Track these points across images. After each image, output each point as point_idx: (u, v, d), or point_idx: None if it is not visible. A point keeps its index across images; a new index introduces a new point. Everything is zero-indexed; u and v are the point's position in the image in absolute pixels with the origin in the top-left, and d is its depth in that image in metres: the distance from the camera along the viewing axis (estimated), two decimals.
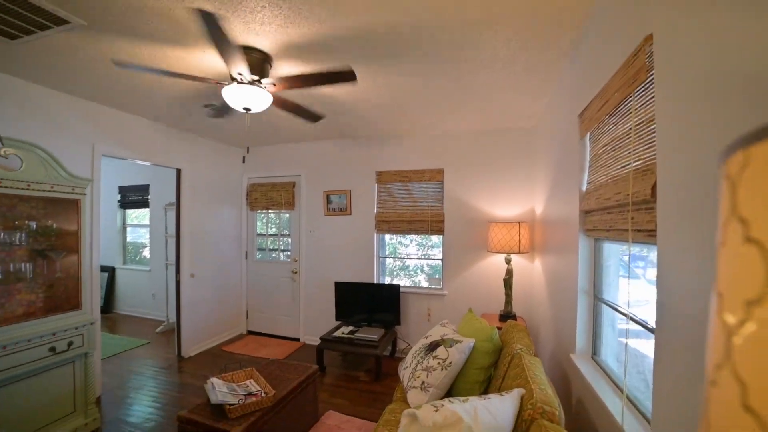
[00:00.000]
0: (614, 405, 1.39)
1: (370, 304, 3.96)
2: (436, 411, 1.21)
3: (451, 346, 2.13)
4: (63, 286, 2.59)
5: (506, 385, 1.70)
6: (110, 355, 4.01)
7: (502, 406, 1.33)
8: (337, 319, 4.07)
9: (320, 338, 3.61)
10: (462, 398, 1.33)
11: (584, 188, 1.90)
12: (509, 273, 3.32)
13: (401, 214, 4.06)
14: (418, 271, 4.65)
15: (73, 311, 2.49)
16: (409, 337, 4.05)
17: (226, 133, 4.06)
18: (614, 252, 1.81)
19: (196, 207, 4.11)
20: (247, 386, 2.23)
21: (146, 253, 6.04)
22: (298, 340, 4.57)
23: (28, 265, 2.38)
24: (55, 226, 2.51)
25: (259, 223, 4.96)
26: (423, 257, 4.51)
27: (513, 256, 3.44)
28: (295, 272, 4.56)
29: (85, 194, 2.53)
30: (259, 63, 2.12)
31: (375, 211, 4.18)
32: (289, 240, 4.72)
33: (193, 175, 4.07)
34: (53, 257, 2.54)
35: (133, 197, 5.84)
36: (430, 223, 3.95)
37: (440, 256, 4.08)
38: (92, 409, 2.57)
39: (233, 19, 1.81)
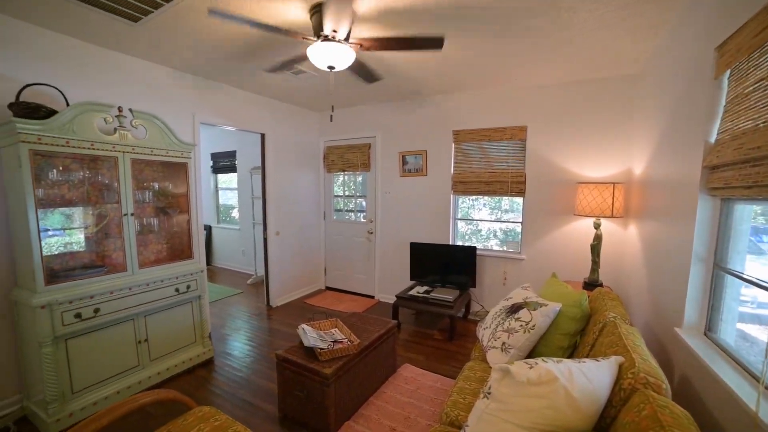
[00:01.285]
0: (743, 390, 1.23)
1: (445, 265, 3.98)
2: (531, 368, 1.19)
3: (535, 309, 2.06)
4: (179, 239, 3.00)
5: (597, 353, 1.60)
6: (213, 301, 4.64)
7: (598, 371, 1.26)
8: (411, 279, 4.18)
9: (396, 296, 3.75)
10: (554, 359, 1.29)
11: (713, 139, 1.61)
12: (598, 239, 3.05)
13: (479, 174, 3.91)
14: (491, 235, 4.51)
15: (188, 260, 2.89)
16: (483, 300, 4.02)
17: (303, 96, 4.18)
18: (748, 215, 1.54)
19: (278, 170, 4.40)
20: (333, 334, 2.42)
21: (234, 213, 6.70)
22: (372, 297, 4.81)
23: (154, 220, 2.80)
24: (170, 187, 2.88)
25: (335, 185, 5.15)
26: (496, 221, 4.34)
27: (603, 221, 3.14)
28: (371, 233, 4.72)
29: (190, 158, 2.84)
30: (348, 20, 2.08)
31: (451, 172, 4.08)
32: (365, 201, 4.85)
33: (275, 139, 4.32)
34: (171, 214, 2.94)
35: (222, 163, 6.43)
36: (510, 185, 3.75)
37: (517, 220, 3.90)
38: (207, 342, 3.03)
39: None
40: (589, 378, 1.21)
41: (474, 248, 3.82)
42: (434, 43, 1.98)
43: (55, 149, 2.10)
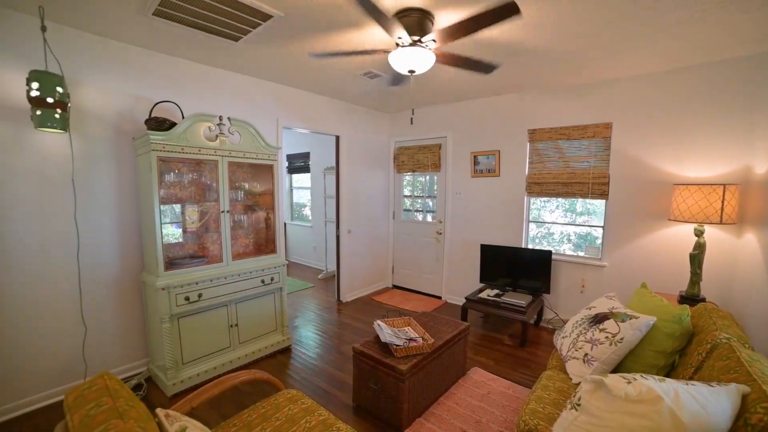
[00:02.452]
0: None
1: (517, 269, 3.84)
2: (629, 383, 1.12)
3: (623, 321, 1.91)
4: (264, 235, 3.29)
5: (706, 377, 1.44)
6: (288, 293, 4.99)
7: (713, 397, 1.13)
8: (481, 281, 4.10)
9: (465, 298, 3.71)
10: (654, 376, 1.19)
11: None
12: (699, 247, 2.71)
13: (556, 175, 3.70)
14: (564, 239, 4.24)
15: (272, 254, 3.15)
16: (557, 307, 3.80)
17: (376, 99, 4.31)
18: None
19: (351, 170, 4.59)
20: (407, 332, 2.48)
21: (306, 211, 7.13)
22: (439, 297, 4.81)
23: (244, 216, 3.10)
24: (258, 186, 3.17)
25: (405, 185, 5.23)
26: (571, 224, 4.07)
27: (707, 228, 2.79)
28: (440, 233, 4.71)
29: (276, 160, 3.10)
30: (418, 22, 2.12)
31: (526, 173, 3.92)
32: (434, 201, 4.86)
33: (349, 141, 4.52)
34: (257, 211, 3.24)
35: (297, 163, 6.87)
36: (591, 186, 3.50)
37: (596, 224, 3.63)
38: (286, 331, 3.29)
39: None
40: (701, 404, 1.10)
41: (549, 252, 3.63)
42: (507, 10, 1.83)
43: (173, 155, 2.44)
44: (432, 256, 4.85)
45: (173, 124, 2.50)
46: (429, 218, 4.98)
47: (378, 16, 1.89)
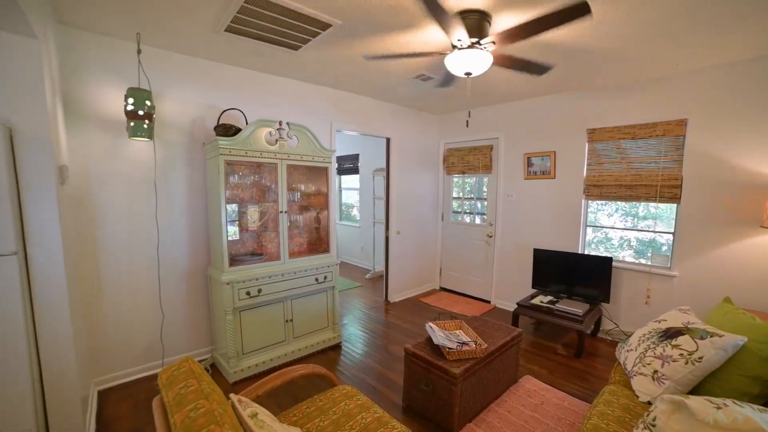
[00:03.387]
0: None
1: (572, 275, 3.65)
2: (718, 409, 1.03)
3: (701, 338, 1.75)
4: (317, 235, 3.43)
5: None
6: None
7: None
8: (533, 287, 3.95)
9: (517, 304, 3.60)
10: (753, 405, 1.08)
11: None
12: None
13: (619, 177, 3.46)
14: (624, 245, 3.96)
15: (325, 254, 3.28)
16: (618, 318, 3.56)
17: (426, 101, 4.32)
18: None
19: (400, 172, 4.63)
20: (458, 335, 2.46)
21: (354, 211, 7.28)
22: (488, 302, 4.70)
23: (299, 216, 3.26)
24: (312, 188, 3.31)
25: (454, 187, 5.17)
26: (634, 229, 3.78)
27: None
28: (490, 236, 4.61)
29: (330, 163, 3.21)
30: (477, 24, 2.10)
31: (584, 174, 3.71)
32: (485, 203, 4.76)
33: (399, 143, 4.57)
34: (311, 212, 3.38)
35: (346, 165, 7.05)
36: (659, 189, 3.23)
37: (663, 229, 3.36)
38: (336, 328, 3.39)
39: None
40: None
41: (610, 259, 3.41)
42: (578, 10, 1.75)
43: (238, 158, 2.63)
44: (481, 259, 4.75)
45: (238, 130, 2.69)
46: (477, 221, 4.89)
47: (440, 16, 1.90)
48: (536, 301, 3.55)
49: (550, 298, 3.63)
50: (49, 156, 1.80)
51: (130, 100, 2.31)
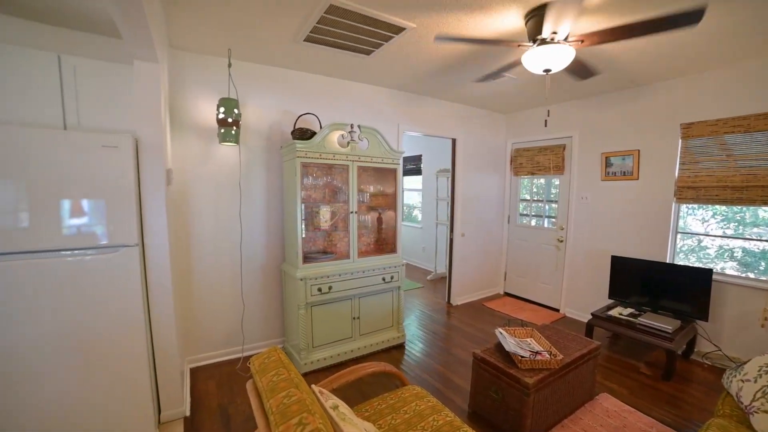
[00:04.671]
0: None
1: (659, 287, 3.29)
2: None
3: None
4: (384, 235, 3.49)
5: None
6: None
7: None
8: (610, 297, 3.64)
9: (592, 314, 3.34)
10: None
11: None
12: None
13: (722, 177, 3.05)
14: (725, 255, 3.44)
15: (392, 254, 3.33)
16: (721, 340, 3.13)
17: (492, 100, 4.19)
18: None
19: (466, 173, 4.55)
20: (529, 343, 2.35)
21: (415, 212, 7.28)
22: (557, 310, 4.43)
23: (367, 217, 3.35)
24: (381, 189, 3.38)
25: (522, 189, 4.96)
26: (736, 237, 3.27)
27: None
28: (561, 240, 4.34)
29: (399, 164, 3.26)
30: (556, 17, 1.99)
31: (676, 175, 3.33)
32: (555, 206, 4.50)
33: (464, 144, 4.49)
34: (379, 212, 3.45)
35: (408, 166, 7.08)
36: None
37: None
38: (401, 328, 3.43)
39: None
40: None
41: (709, 271, 3.01)
42: (689, 18, 1.61)
43: (312, 160, 2.78)
44: (550, 264, 4.48)
45: (313, 133, 2.84)
46: (545, 224, 4.63)
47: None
48: (614, 312, 3.27)
49: (630, 310, 3.31)
50: (161, 161, 2.06)
51: (221, 109, 2.56)
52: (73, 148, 1.77)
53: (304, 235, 2.96)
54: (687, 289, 3.12)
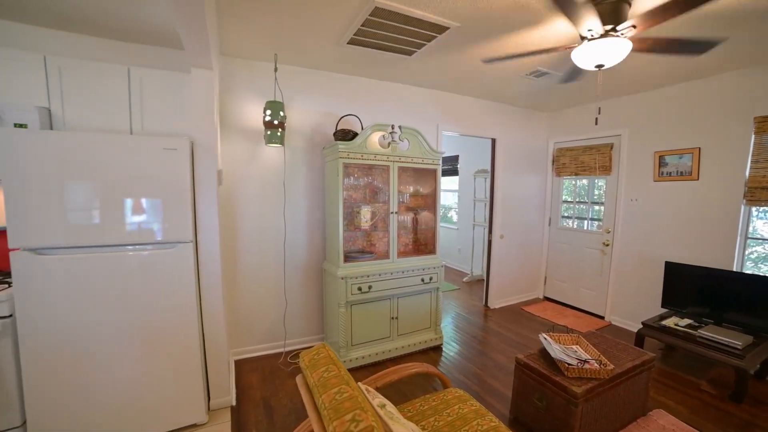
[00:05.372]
0: None
1: (724, 297, 3.03)
2: None
3: None
4: (423, 236, 3.48)
5: None
6: None
7: None
8: (663, 306, 3.40)
9: (642, 323, 3.15)
10: None
11: None
12: None
13: None
14: None
15: (431, 255, 3.31)
16: None
17: (534, 98, 4.06)
18: None
19: (506, 173, 4.44)
20: (575, 351, 2.25)
21: (450, 213, 7.19)
22: (601, 317, 4.21)
23: (406, 217, 3.35)
24: (420, 189, 3.38)
25: (564, 190, 4.76)
26: None
27: None
28: (607, 244, 4.12)
29: (439, 165, 3.24)
30: (612, 8, 1.89)
31: (746, 175, 3.05)
32: (600, 208, 4.28)
33: (504, 143, 4.38)
34: (418, 213, 3.44)
35: (444, 167, 7.01)
36: None
37: None
38: (438, 329, 3.40)
39: None
40: None
41: None
42: None
43: (354, 161, 2.82)
44: (594, 269, 4.27)
45: (355, 134, 2.88)
46: (586, 226, 4.41)
47: (569, 7, 1.77)
48: (669, 323, 3.05)
49: (688, 321, 3.08)
50: (214, 162, 2.18)
51: (268, 112, 2.66)
52: (138, 151, 1.91)
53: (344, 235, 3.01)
54: (762, 302, 2.85)
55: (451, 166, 6.74)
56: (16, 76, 1.97)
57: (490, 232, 4.43)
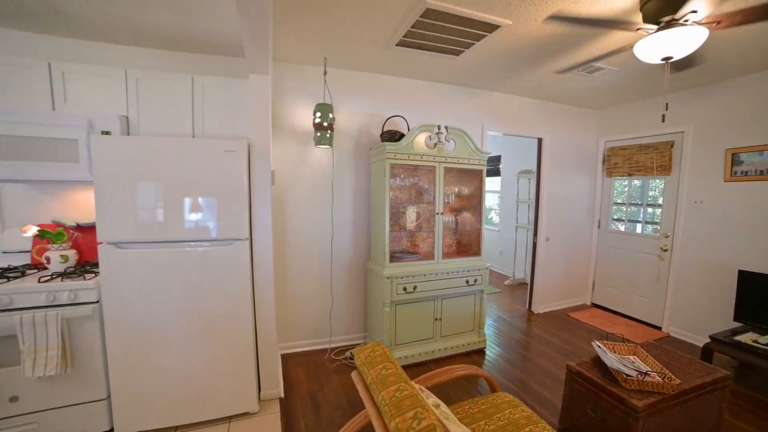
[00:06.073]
0: None
1: None
2: None
3: None
4: (467, 237, 3.44)
5: None
6: None
7: None
8: (736, 320, 3.12)
9: (710, 337, 2.91)
10: None
11: None
12: None
13: None
14: None
15: (476, 257, 3.26)
16: None
17: (583, 96, 3.87)
18: None
19: (552, 174, 4.27)
20: (633, 362, 2.13)
21: (491, 215, 7.02)
22: (658, 328, 3.93)
23: (451, 218, 3.33)
24: (465, 190, 3.34)
25: (615, 191, 4.50)
26: None
27: None
28: (665, 249, 3.85)
29: (485, 165, 3.19)
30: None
31: None
32: (656, 211, 4.01)
33: (551, 143, 4.22)
34: (463, 214, 3.41)
35: (486, 167, 6.85)
36: None
37: None
38: (482, 332, 3.34)
39: None
40: None
41: None
42: None
43: (401, 162, 2.84)
44: (650, 276, 4.00)
45: (402, 135, 2.90)
46: (640, 230, 4.15)
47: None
48: (745, 338, 2.80)
49: None
50: (268, 163, 2.28)
51: (318, 114, 2.74)
52: (202, 153, 2.04)
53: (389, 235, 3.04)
54: None
55: (492, 167, 6.59)
56: (102, 89, 2.21)
57: (535, 234, 4.29)
